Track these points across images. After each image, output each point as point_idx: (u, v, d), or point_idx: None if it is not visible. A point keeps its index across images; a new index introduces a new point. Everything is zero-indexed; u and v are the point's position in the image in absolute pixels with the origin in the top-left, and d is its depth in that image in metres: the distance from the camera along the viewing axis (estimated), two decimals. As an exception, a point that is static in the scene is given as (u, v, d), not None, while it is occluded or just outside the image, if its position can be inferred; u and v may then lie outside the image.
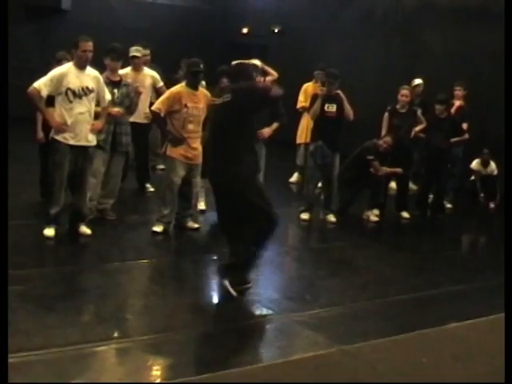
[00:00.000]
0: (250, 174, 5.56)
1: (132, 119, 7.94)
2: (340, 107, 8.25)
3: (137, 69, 8.88)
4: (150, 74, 9.05)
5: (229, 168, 5.50)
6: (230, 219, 5.71)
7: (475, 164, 10.53)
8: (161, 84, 9.10)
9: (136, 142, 8.64)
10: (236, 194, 5.50)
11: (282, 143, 10.24)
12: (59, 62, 7.29)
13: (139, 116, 8.43)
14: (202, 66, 7.19)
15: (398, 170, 8.90)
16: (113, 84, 7.31)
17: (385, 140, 8.76)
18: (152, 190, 9.14)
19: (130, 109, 7.56)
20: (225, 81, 8.40)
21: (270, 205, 5.57)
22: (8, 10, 5.36)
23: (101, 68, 7.14)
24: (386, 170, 8.77)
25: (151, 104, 8.20)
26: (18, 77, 9.50)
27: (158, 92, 8.89)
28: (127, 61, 8.52)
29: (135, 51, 8.86)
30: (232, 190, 5.51)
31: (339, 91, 8.31)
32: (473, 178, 10.67)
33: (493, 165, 10.35)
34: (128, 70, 8.69)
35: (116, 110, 7.24)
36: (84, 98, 6.55)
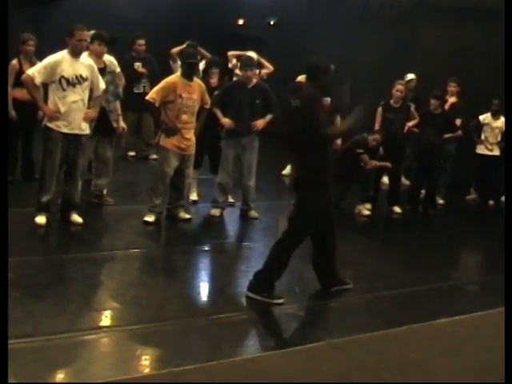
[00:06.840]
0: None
1: None
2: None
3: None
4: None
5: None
6: None
7: (484, 116, 10.29)
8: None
9: None
10: None
11: (275, 135, 10.22)
12: (24, 43, 7.67)
13: None
14: (199, 57, 7.16)
15: (388, 164, 8.91)
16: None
17: (374, 137, 8.76)
18: None
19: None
20: (215, 71, 8.37)
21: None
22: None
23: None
24: (375, 163, 8.77)
25: None
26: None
27: None
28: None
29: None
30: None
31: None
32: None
33: (502, 118, 10.00)
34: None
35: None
36: (78, 86, 6.53)
